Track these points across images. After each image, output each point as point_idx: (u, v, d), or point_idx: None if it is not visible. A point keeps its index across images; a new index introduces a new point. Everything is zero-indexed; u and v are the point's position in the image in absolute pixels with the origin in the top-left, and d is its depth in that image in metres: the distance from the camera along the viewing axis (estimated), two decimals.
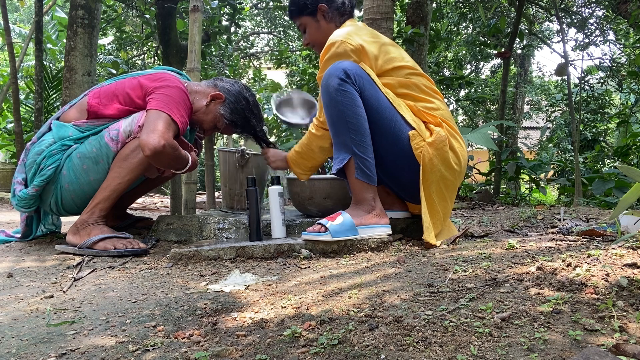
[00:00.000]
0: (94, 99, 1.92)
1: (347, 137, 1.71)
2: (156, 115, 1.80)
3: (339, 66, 1.71)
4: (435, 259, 1.42)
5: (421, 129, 1.76)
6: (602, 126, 8.92)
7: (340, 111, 1.70)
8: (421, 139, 1.74)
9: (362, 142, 1.71)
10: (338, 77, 1.70)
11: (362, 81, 1.73)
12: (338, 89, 1.70)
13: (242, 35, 7.53)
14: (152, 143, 1.73)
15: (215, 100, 2.04)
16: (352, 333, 0.90)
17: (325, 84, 1.73)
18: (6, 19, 4.62)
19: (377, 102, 1.74)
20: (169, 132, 1.79)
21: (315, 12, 1.94)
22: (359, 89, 1.72)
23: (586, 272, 1.07)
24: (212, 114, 2.05)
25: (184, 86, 1.95)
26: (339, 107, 1.70)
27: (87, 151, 1.86)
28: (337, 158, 1.74)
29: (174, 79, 1.94)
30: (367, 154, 1.72)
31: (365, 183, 1.73)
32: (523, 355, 0.77)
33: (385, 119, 1.74)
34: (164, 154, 1.77)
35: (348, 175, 1.75)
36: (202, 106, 2.03)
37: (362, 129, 1.71)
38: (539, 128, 11.06)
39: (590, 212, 2.64)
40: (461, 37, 8.97)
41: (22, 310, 1.19)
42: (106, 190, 1.85)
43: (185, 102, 1.92)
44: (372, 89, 1.74)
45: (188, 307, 1.14)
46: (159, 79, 1.93)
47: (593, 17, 7.46)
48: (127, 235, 1.91)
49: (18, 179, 1.94)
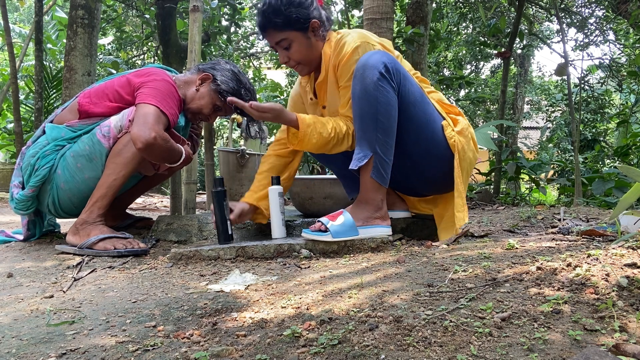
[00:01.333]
0: (84, 99, 1.94)
1: (373, 135, 1.65)
2: (145, 109, 1.80)
3: (378, 57, 1.64)
4: (435, 259, 1.42)
5: (448, 119, 1.81)
6: (602, 126, 8.92)
7: (373, 107, 1.63)
8: (452, 129, 1.78)
9: (386, 143, 1.67)
10: (378, 71, 1.61)
11: (400, 76, 1.68)
12: (377, 84, 1.61)
13: (242, 35, 7.53)
14: (143, 136, 1.74)
15: (205, 81, 2.04)
16: (352, 333, 0.90)
17: (362, 75, 1.63)
18: (6, 19, 4.62)
19: (413, 95, 1.73)
20: (159, 124, 1.79)
21: (307, 28, 1.77)
22: (396, 85, 1.66)
23: (586, 272, 1.07)
24: (207, 96, 2.03)
25: (172, 79, 1.96)
26: (372, 102, 1.63)
27: (81, 149, 1.87)
28: (359, 154, 1.67)
29: (162, 73, 1.95)
30: (388, 155, 1.69)
31: (378, 183, 1.69)
32: (523, 355, 0.77)
33: (421, 112, 1.75)
34: (156, 146, 1.77)
35: (362, 173, 1.70)
36: (193, 92, 2.03)
37: (390, 130, 1.66)
38: (539, 128, 11.06)
39: (590, 212, 2.64)
40: (461, 37, 8.97)
41: (22, 310, 1.19)
42: (102, 187, 1.86)
43: (174, 94, 1.92)
44: (408, 83, 1.71)
45: (188, 307, 1.14)
46: (146, 73, 1.94)
47: (593, 17, 7.46)
48: (127, 235, 1.91)
49: (15, 183, 1.95)
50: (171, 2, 4.83)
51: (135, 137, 1.74)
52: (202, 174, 8.42)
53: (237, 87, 2.02)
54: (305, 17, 1.75)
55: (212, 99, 2.03)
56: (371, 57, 1.64)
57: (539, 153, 9.41)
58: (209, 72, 2.03)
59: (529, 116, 12.75)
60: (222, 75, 2.02)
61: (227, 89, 2.01)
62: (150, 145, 1.75)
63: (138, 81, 1.91)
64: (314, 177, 2.09)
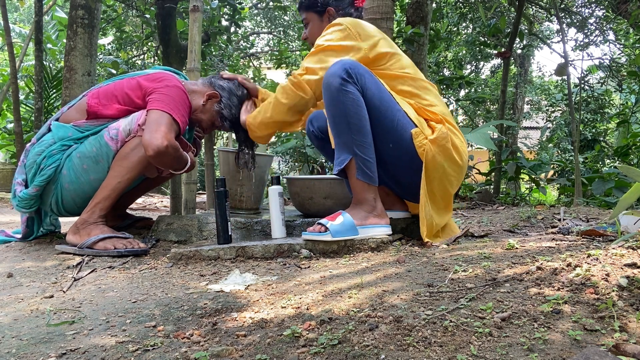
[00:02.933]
0: (93, 99, 1.93)
1: (349, 138, 1.69)
2: (158, 116, 1.81)
3: (340, 65, 1.69)
4: (435, 259, 1.42)
5: (423, 127, 1.77)
6: (602, 126, 8.91)
7: (342, 111, 1.69)
8: (424, 137, 1.74)
9: (363, 143, 1.70)
10: (340, 77, 1.68)
11: (364, 80, 1.71)
12: (339, 89, 1.68)
13: (242, 35, 7.53)
14: (155, 143, 1.75)
15: (212, 99, 2.06)
16: (352, 333, 0.90)
17: (327, 83, 1.71)
18: (6, 19, 4.62)
19: (379, 101, 1.74)
20: (171, 132, 1.81)
21: (323, 12, 1.99)
22: (361, 88, 1.70)
23: (586, 272, 1.07)
24: (209, 113, 2.08)
25: (183, 86, 1.97)
26: (340, 107, 1.69)
27: (87, 151, 1.87)
28: (338, 159, 1.72)
29: (173, 79, 1.96)
30: (368, 154, 1.71)
31: (366, 183, 1.72)
32: (523, 355, 0.77)
33: (387, 118, 1.74)
34: (166, 155, 1.78)
35: (349, 176, 1.74)
36: (199, 105, 2.06)
37: (363, 129, 1.70)
38: (539, 128, 11.06)
39: (590, 212, 2.64)
40: (461, 37, 8.96)
41: (22, 310, 1.19)
42: (106, 189, 1.86)
43: (185, 102, 1.94)
44: (374, 87, 1.73)
45: (188, 307, 1.14)
46: (158, 79, 1.94)
47: (593, 17, 7.46)
48: (127, 235, 1.91)
49: (18, 180, 1.95)
50: (171, 2, 4.83)
51: (147, 143, 1.75)
52: (202, 174, 8.42)
53: (238, 115, 2.08)
54: (324, 3, 1.98)
55: (213, 117, 2.09)
56: (333, 66, 1.71)
57: (539, 153, 9.41)
58: (218, 92, 2.07)
59: (529, 116, 12.74)
60: (228, 100, 2.07)
61: (228, 115, 2.06)
62: (161, 154, 1.77)
63: (150, 86, 1.91)
64: (314, 177, 2.09)
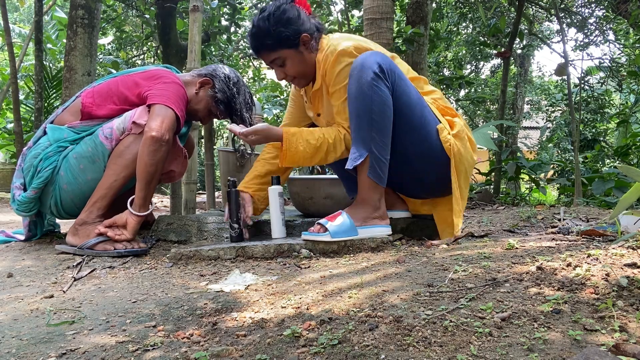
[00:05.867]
0: (87, 99, 1.95)
1: (368, 135, 1.66)
2: (164, 110, 1.85)
3: (373, 58, 1.65)
4: (435, 259, 1.42)
5: (444, 122, 1.78)
6: (602, 126, 8.91)
7: (368, 107, 1.64)
8: (447, 132, 1.76)
9: (382, 142, 1.67)
10: (372, 71, 1.62)
11: (395, 76, 1.68)
12: (371, 84, 1.62)
13: (242, 35, 7.53)
14: (159, 134, 1.79)
15: (204, 86, 2.07)
16: (352, 333, 0.90)
17: (357, 75, 1.64)
18: (6, 19, 4.63)
19: (408, 96, 1.72)
20: (172, 131, 1.84)
21: (298, 44, 1.77)
22: (391, 85, 1.67)
23: (586, 272, 1.07)
24: (204, 101, 2.08)
25: (180, 81, 1.99)
26: (367, 102, 1.64)
27: (83, 151, 1.88)
28: (354, 153, 1.68)
29: (171, 74, 1.99)
30: (384, 155, 1.69)
31: (375, 183, 1.69)
32: (523, 355, 0.77)
33: (416, 114, 1.73)
34: (160, 149, 1.81)
35: (359, 172, 1.70)
36: (193, 95, 2.07)
37: (385, 129, 1.67)
38: (539, 128, 11.04)
39: (590, 212, 2.64)
40: (461, 37, 8.97)
41: (22, 310, 1.19)
42: (102, 188, 1.86)
43: (184, 97, 1.97)
44: (403, 84, 1.71)
45: (188, 307, 1.14)
46: (155, 76, 1.96)
47: (593, 17, 7.46)
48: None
49: (17, 184, 1.95)
50: (171, 2, 4.83)
51: (152, 127, 1.78)
52: (202, 174, 8.42)
53: (231, 97, 2.06)
54: (295, 33, 1.75)
55: (208, 104, 2.08)
56: (367, 58, 1.65)
57: (539, 153, 9.41)
58: (209, 78, 2.07)
59: (529, 116, 12.74)
60: (220, 83, 2.06)
61: (222, 98, 2.05)
62: (159, 145, 1.79)
63: (148, 84, 1.93)
64: (314, 177, 2.09)
